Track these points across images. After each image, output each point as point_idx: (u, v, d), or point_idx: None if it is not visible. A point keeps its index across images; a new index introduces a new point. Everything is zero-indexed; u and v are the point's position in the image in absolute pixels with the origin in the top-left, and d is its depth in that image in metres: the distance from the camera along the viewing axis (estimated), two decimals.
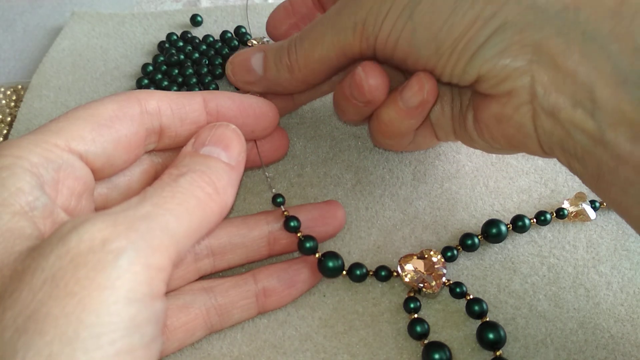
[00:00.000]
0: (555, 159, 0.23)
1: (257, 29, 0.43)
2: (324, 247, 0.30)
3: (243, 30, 0.42)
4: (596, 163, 0.21)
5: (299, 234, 0.27)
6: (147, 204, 0.19)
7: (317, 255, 0.27)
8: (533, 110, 0.22)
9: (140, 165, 0.26)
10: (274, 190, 0.28)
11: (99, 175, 0.23)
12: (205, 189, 0.20)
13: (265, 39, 0.42)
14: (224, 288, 0.26)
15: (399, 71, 0.29)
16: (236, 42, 0.41)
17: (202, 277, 0.27)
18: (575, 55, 0.20)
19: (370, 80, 0.25)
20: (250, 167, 0.30)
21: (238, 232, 0.27)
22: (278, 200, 0.27)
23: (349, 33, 0.24)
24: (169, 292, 0.26)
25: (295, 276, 0.27)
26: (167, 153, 0.27)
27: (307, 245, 0.27)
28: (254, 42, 0.41)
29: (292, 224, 0.27)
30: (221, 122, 0.24)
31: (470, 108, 0.26)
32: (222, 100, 0.26)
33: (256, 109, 0.27)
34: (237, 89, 0.30)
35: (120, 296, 0.16)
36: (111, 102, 0.22)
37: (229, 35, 0.42)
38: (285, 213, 0.27)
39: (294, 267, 0.27)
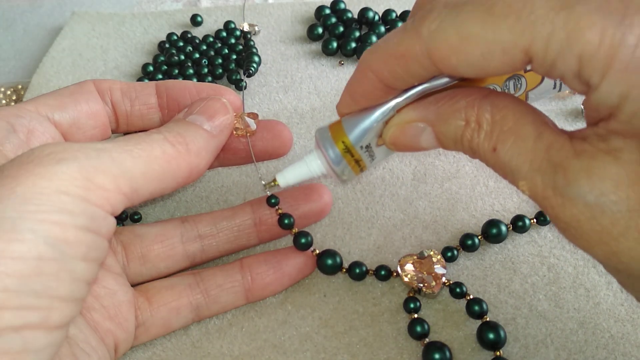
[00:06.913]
0: None
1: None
2: (324, 246, 0.30)
3: (232, 25, 0.43)
4: None
5: (293, 230, 0.27)
6: (110, 144, 0.20)
7: (313, 252, 0.28)
8: None
9: None
10: (268, 191, 0.28)
11: (71, 139, 0.25)
12: (176, 146, 0.22)
13: (257, 27, 0.43)
14: (211, 272, 0.27)
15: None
16: (233, 40, 0.41)
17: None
18: None
19: None
20: (245, 163, 0.30)
21: (223, 215, 0.28)
22: (272, 201, 0.27)
23: None
24: (159, 278, 0.27)
25: (282, 260, 0.27)
26: None
27: (302, 240, 0.27)
28: (245, 25, 0.42)
29: (286, 221, 0.27)
30: (214, 96, 0.26)
31: None
32: (170, 83, 0.28)
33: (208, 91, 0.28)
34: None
35: (52, 186, 0.17)
36: (71, 85, 0.27)
37: (224, 34, 0.42)
38: (279, 211, 0.28)
39: (282, 253, 0.28)
